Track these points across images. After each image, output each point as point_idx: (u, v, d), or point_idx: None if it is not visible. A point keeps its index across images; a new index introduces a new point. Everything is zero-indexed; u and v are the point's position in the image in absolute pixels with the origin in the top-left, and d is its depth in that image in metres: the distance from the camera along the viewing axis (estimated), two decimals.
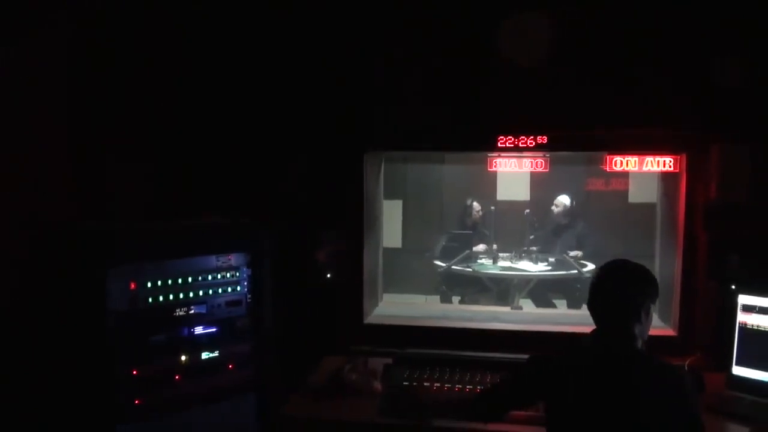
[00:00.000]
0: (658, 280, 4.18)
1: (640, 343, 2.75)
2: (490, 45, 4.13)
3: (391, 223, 6.56)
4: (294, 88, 4.35)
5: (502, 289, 6.53)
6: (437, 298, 6.71)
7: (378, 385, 3.70)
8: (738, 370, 3.71)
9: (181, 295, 3.46)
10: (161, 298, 3.37)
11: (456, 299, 6.64)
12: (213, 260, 3.60)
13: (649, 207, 5.26)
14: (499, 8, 4.13)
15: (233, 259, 3.68)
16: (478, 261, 6.76)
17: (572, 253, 6.49)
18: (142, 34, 3.98)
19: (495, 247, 6.83)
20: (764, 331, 3.65)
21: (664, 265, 4.62)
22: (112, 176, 3.83)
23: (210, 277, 3.58)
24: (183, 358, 3.44)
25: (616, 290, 2.76)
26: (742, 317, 3.72)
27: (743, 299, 3.73)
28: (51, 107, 3.50)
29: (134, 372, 3.25)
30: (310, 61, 4.34)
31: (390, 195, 6.03)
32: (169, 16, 4.12)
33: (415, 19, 4.25)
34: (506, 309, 5.84)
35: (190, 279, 3.49)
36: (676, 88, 4.07)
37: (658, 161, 4.28)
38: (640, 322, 2.74)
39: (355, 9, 4.28)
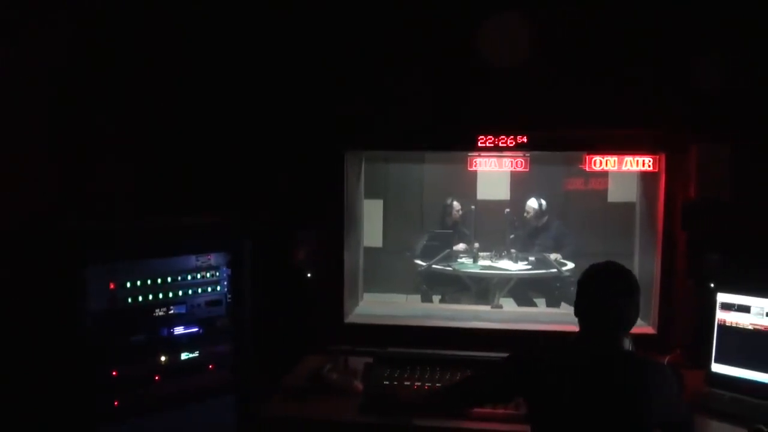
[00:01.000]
0: (638, 278, 4.22)
1: (627, 343, 2.77)
2: (470, 46, 4.14)
3: (371, 223, 6.54)
4: (275, 87, 4.34)
5: (483, 288, 6.54)
6: (418, 297, 6.71)
7: (359, 385, 3.70)
8: (717, 368, 3.74)
9: (161, 295, 3.44)
10: (140, 298, 3.35)
11: (437, 298, 6.64)
12: (192, 260, 3.59)
13: (628, 206, 5.28)
14: (477, 9, 4.14)
15: (213, 258, 3.66)
16: (459, 260, 6.78)
17: (552, 256, 6.52)
18: (136, 33, 3.97)
19: (476, 246, 6.84)
20: (743, 329, 3.68)
21: (644, 263, 4.64)
22: (97, 175, 3.81)
23: (189, 277, 3.56)
24: (162, 358, 3.43)
25: (598, 293, 2.77)
26: (720, 315, 3.75)
27: (722, 297, 3.76)
28: (35, 106, 3.47)
29: (114, 373, 3.23)
30: (291, 62, 4.33)
31: (371, 194, 6.03)
32: (151, 14, 4.11)
33: (397, 20, 4.26)
34: (486, 308, 5.86)
35: (169, 279, 3.47)
36: (656, 88, 4.10)
37: (638, 161, 4.31)
38: (628, 324, 2.77)
39: (338, 10, 4.28)
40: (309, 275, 4.32)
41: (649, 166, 4.31)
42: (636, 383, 2.65)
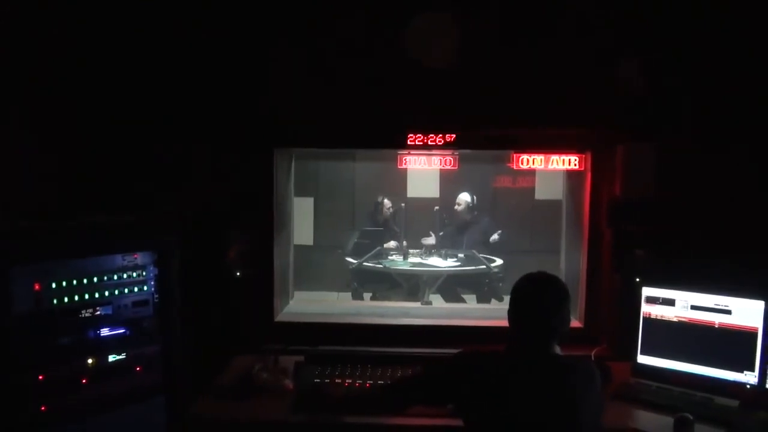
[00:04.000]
0: (564, 274, 4.30)
1: (557, 349, 2.82)
2: (400, 45, 4.15)
3: (302, 221, 6.53)
4: (203, 83, 4.28)
5: (413, 285, 6.57)
6: (349, 294, 6.69)
7: (289, 383, 3.68)
8: (643, 359, 3.85)
9: (87, 296, 3.36)
10: (66, 299, 3.27)
11: (368, 296, 6.64)
12: (119, 259, 3.51)
13: (555, 204, 5.37)
14: (406, 7, 4.15)
15: (139, 257, 3.60)
16: (389, 257, 6.80)
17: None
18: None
19: (405, 243, 6.88)
20: (667, 321, 3.79)
21: (570, 259, 4.73)
22: (11, 171, 3.70)
23: (116, 277, 3.49)
24: (90, 361, 3.35)
25: (530, 303, 2.83)
26: (646, 308, 3.86)
27: (647, 291, 3.87)
28: None
29: (40, 377, 3.15)
30: (218, 56, 4.28)
31: (301, 192, 6.01)
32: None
33: (326, 16, 4.25)
34: (416, 304, 5.89)
35: (95, 279, 3.39)
36: (582, 88, 4.16)
37: (564, 159, 4.39)
38: (559, 331, 2.82)
39: (268, 5, 4.26)
40: (238, 274, 4.28)
41: (575, 164, 4.39)
42: (568, 389, 2.71)
